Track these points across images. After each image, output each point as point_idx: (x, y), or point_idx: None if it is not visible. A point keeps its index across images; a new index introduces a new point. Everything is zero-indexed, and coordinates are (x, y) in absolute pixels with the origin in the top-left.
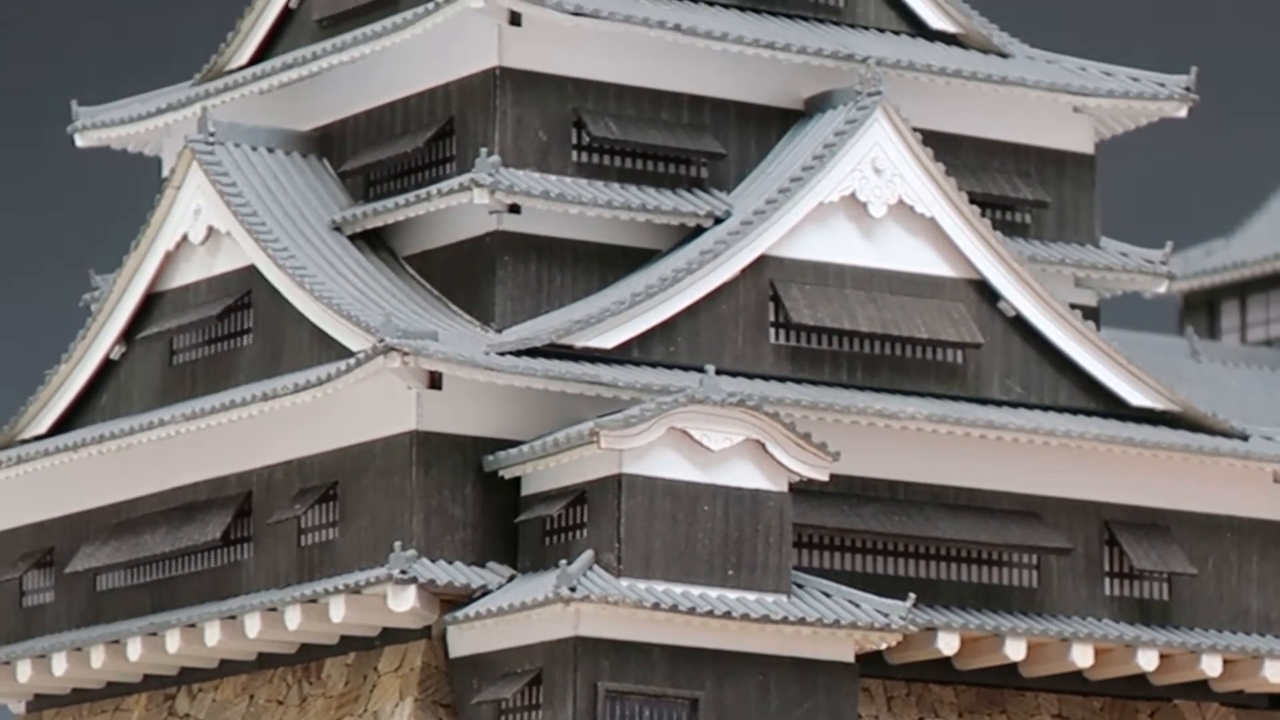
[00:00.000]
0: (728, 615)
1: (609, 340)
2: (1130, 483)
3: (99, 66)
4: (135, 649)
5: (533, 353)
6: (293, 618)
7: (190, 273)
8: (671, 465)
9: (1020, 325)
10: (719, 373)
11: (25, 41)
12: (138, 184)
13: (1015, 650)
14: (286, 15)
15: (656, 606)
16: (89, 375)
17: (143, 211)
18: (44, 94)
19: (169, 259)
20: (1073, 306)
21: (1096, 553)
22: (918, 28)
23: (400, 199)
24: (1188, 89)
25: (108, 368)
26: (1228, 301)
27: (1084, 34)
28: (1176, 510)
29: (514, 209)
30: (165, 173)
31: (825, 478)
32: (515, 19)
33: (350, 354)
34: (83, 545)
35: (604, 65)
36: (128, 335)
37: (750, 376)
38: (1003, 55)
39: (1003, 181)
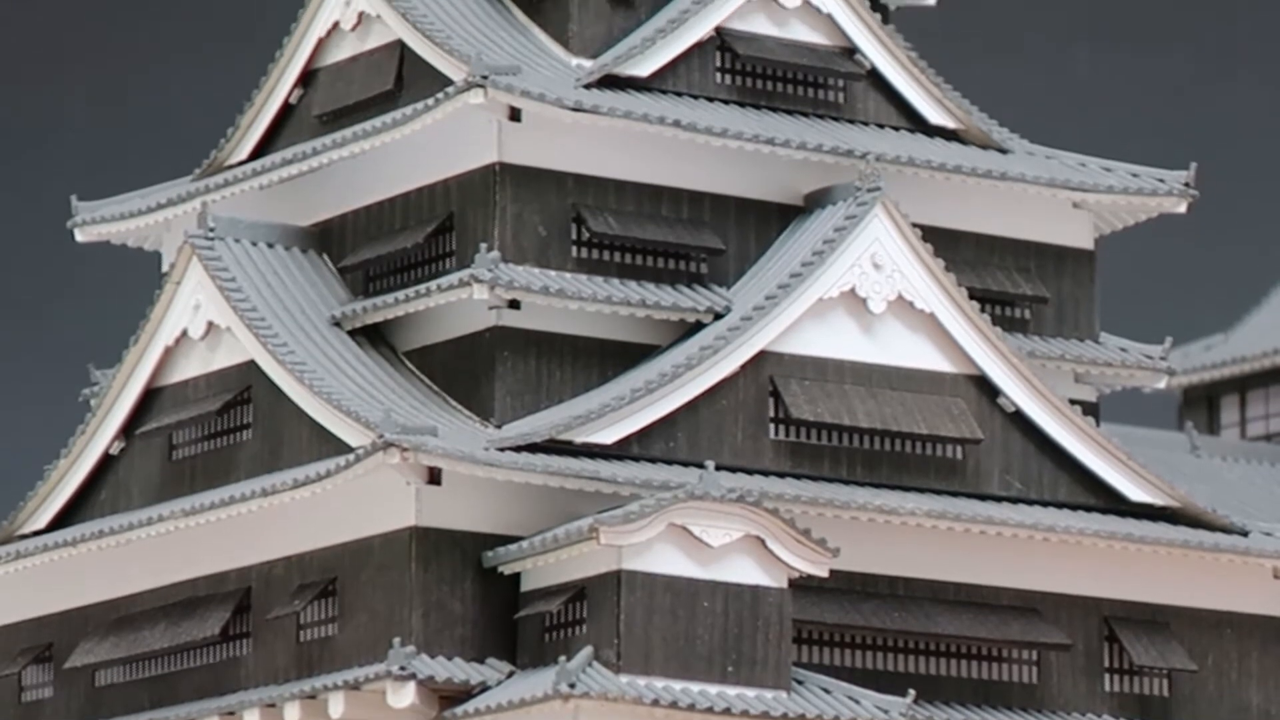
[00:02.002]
0: (727, 712)
1: (609, 436)
2: (1130, 578)
3: (98, 161)
4: None
5: (532, 448)
6: (292, 714)
7: (190, 368)
8: (671, 561)
9: (1020, 421)
10: (718, 468)
11: (24, 134)
12: (137, 279)
13: None
14: (287, 111)
15: (656, 703)
16: (88, 470)
17: (142, 306)
18: (43, 189)
19: (168, 354)
20: (1072, 402)
21: (1096, 649)
22: (917, 123)
23: (400, 294)
24: (1187, 184)
25: (107, 463)
26: (1227, 397)
27: (1084, 128)
28: (1176, 606)
29: (514, 304)
30: (165, 268)
31: (825, 574)
32: (515, 115)
33: (350, 449)
34: (82, 641)
35: (604, 161)
36: (127, 430)
37: (750, 472)
38: (1002, 151)
39: (1002, 277)
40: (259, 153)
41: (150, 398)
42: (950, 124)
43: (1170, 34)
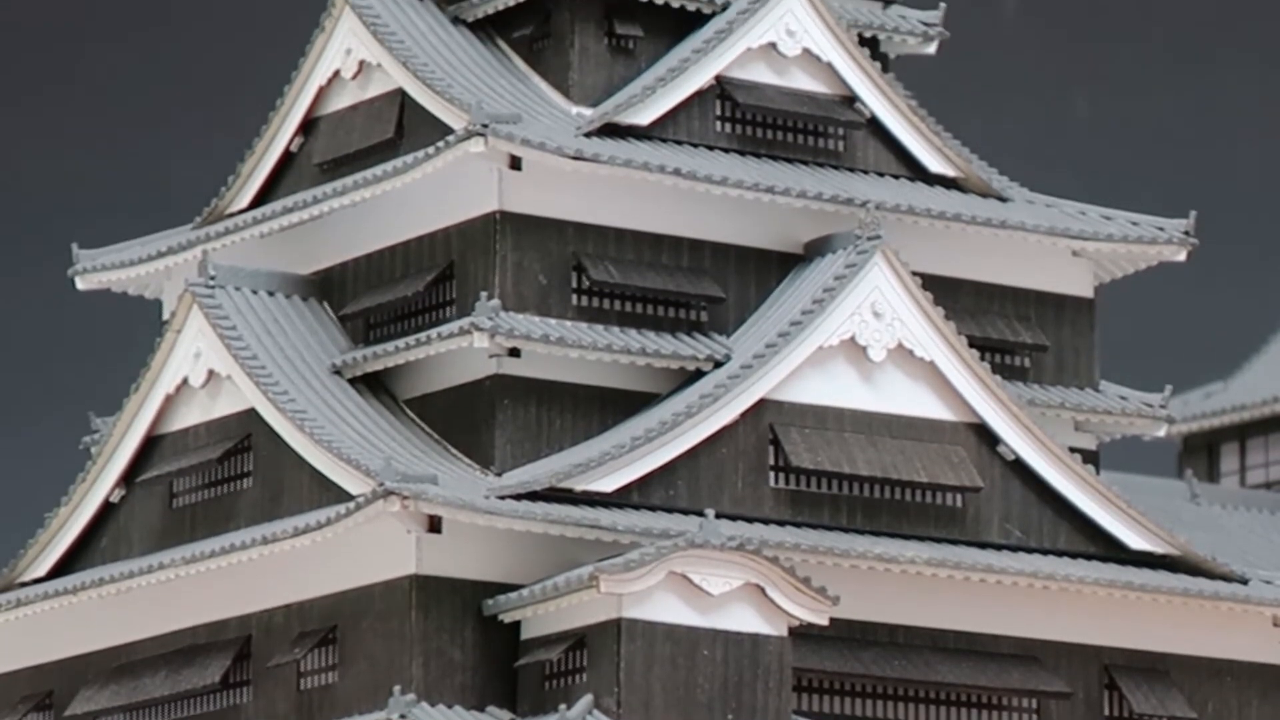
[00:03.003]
0: None
1: (609, 484)
2: (1130, 627)
3: (99, 209)
4: None
5: (532, 496)
6: None
7: (190, 416)
8: (671, 609)
9: (1020, 469)
10: (719, 516)
11: (25, 182)
12: (138, 327)
13: None
14: (287, 159)
15: None
16: (89, 518)
17: (143, 354)
18: (44, 237)
19: (169, 402)
20: (1072, 450)
21: (1096, 697)
22: (917, 172)
23: (400, 342)
24: (1187, 233)
25: (107, 511)
26: (1227, 444)
27: (1084, 175)
28: (1176, 654)
29: (514, 353)
30: (166, 316)
31: (825, 622)
32: (516, 163)
33: (350, 498)
34: (82, 688)
35: (604, 209)
36: (128, 478)
37: (750, 520)
38: (1002, 199)
39: (1002, 325)
40: (259, 201)
41: (151, 445)
42: (950, 172)
43: (1169, 82)
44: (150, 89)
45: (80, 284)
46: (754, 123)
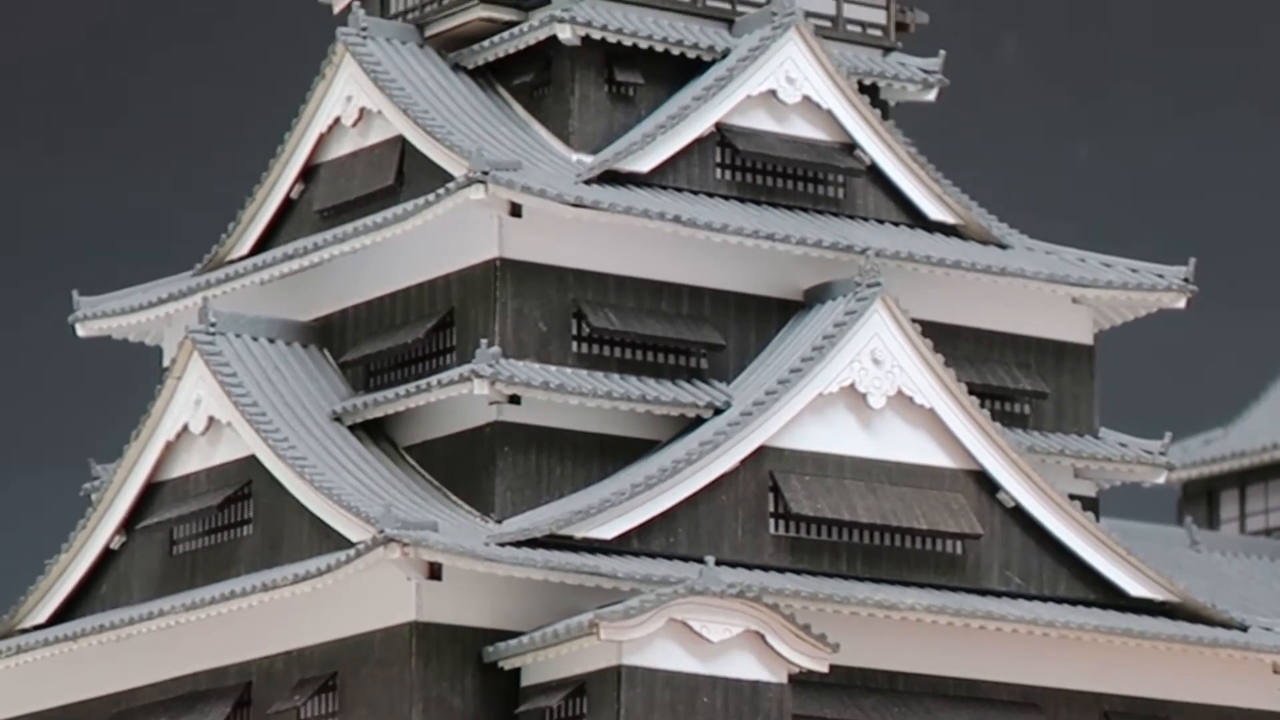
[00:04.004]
0: None
1: (609, 531)
2: (1130, 674)
3: (100, 255)
4: None
5: (533, 543)
6: None
7: (190, 463)
8: (671, 656)
9: (1019, 516)
10: (718, 563)
11: (25, 230)
12: (138, 374)
13: None
14: (288, 206)
15: None
16: (89, 565)
17: (143, 401)
18: (44, 283)
19: (169, 449)
20: (1072, 497)
21: None
22: (917, 219)
23: (400, 389)
24: (1186, 280)
25: (108, 557)
26: (1227, 491)
27: (1084, 222)
28: (1176, 701)
29: (514, 400)
30: (166, 363)
31: (825, 669)
32: (516, 210)
33: (350, 545)
34: None
35: (604, 256)
36: (128, 525)
37: (750, 567)
38: (1002, 246)
39: (1002, 372)
40: (260, 248)
41: (151, 492)
42: (950, 219)
43: (1168, 129)
44: (151, 135)
45: (81, 331)
46: (754, 170)
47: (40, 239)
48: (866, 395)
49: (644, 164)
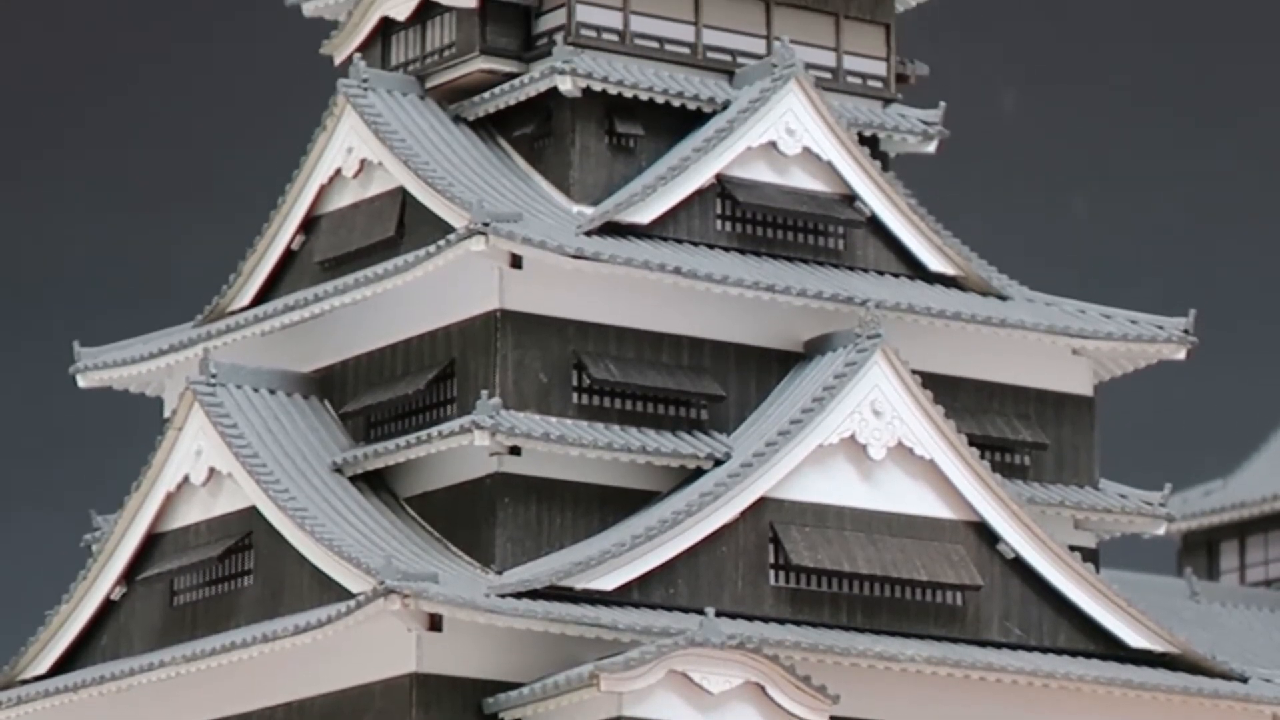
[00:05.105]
0: None
1: (609, 582)
2: None
3: (101, 305)
4: None
5: (533, 595)
6: None
7: (191, 514)
8: (671, 708)
9: (1020, 567)
10: (719, 615)
11: (27, 276)
12: (139, 424)
13: None
14: (289, 257)
15: None
16: (90, 616)
17: (144, 452)
18: (45, 333)
19: (170, 500)
20: (1072, 548)
21: None
22: (917, 270)
23: (401, 441)
24: (1186, 331)
25: (108, 608)
26: (1226, 542)
27: (1083, 272)
28: None
29: (514, 451)
30: (167, 414)
31: None
32: (516, 262)
33: (351, 596)
34: None
35: (604, 307)
36: (129, 576)
37: (750, 619)
38: (1002, 298)
39: (1002, 424)
40: (261, 299)
41: (152, 543)
42: (950, 270)
43: (1167, 179)
44: (152, 186)
45: (82, 381)
46: (754, 221)
47: (42, 288)
48: (867, 446)
49: (644, 215)
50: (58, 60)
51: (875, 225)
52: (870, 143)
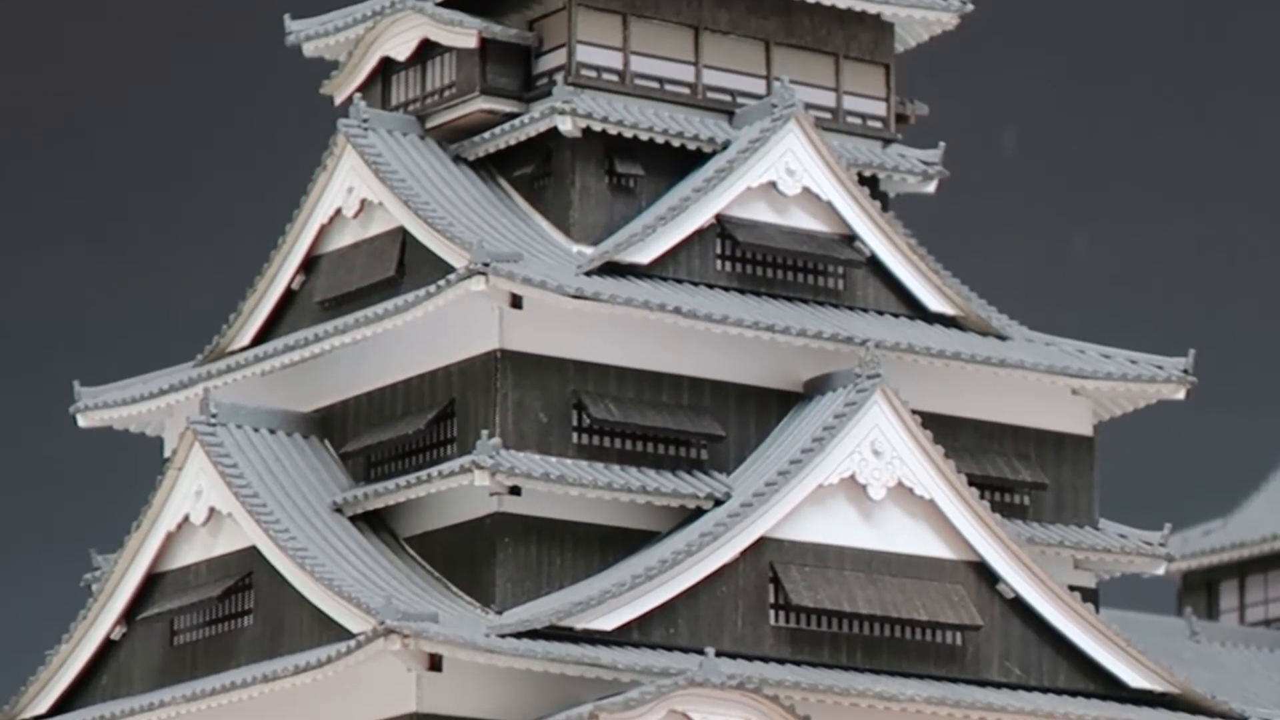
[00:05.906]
0: None
1: (609, 622)
2: None
3: (101, 345)
4: None
5: (533, 634)
6: None
7: (191, 553)
8: None
9: (1019, 607)
10: (719, 655)
11: (27, 316)
12: (139, 464)
13: None
14: (289, 297)
15: None
16: (90, 655)
17: (144, 492)
18: (45, 372)
19: (170, 540)
20: (1072, 588)
21: None
22: (917, 310)
23: (401, 480)
24: (1186, 371)
25: (108, 648)
26: (1226, 582)
27: (1083, 312)
28: None
29: (514, 491)
30: (167, 453)
31: None
32: (516, 302)
33: (351, 636)
34: None
35: (604, 347)
36: (129, 615)
37: (750, 658)
38: (1001, 338)
39: (1002, 464)
40: (261, 339)
41: (152, 583)
42: (949, 310)
43: (1167, 219)
44: (152, 226)
45: (82, 421)
46: (754, 261)
47: (42, 328)
48: (867, 486)
49: (644, 255)
50: (55, 104)
51: (875, 265)
52: (870, 183)
